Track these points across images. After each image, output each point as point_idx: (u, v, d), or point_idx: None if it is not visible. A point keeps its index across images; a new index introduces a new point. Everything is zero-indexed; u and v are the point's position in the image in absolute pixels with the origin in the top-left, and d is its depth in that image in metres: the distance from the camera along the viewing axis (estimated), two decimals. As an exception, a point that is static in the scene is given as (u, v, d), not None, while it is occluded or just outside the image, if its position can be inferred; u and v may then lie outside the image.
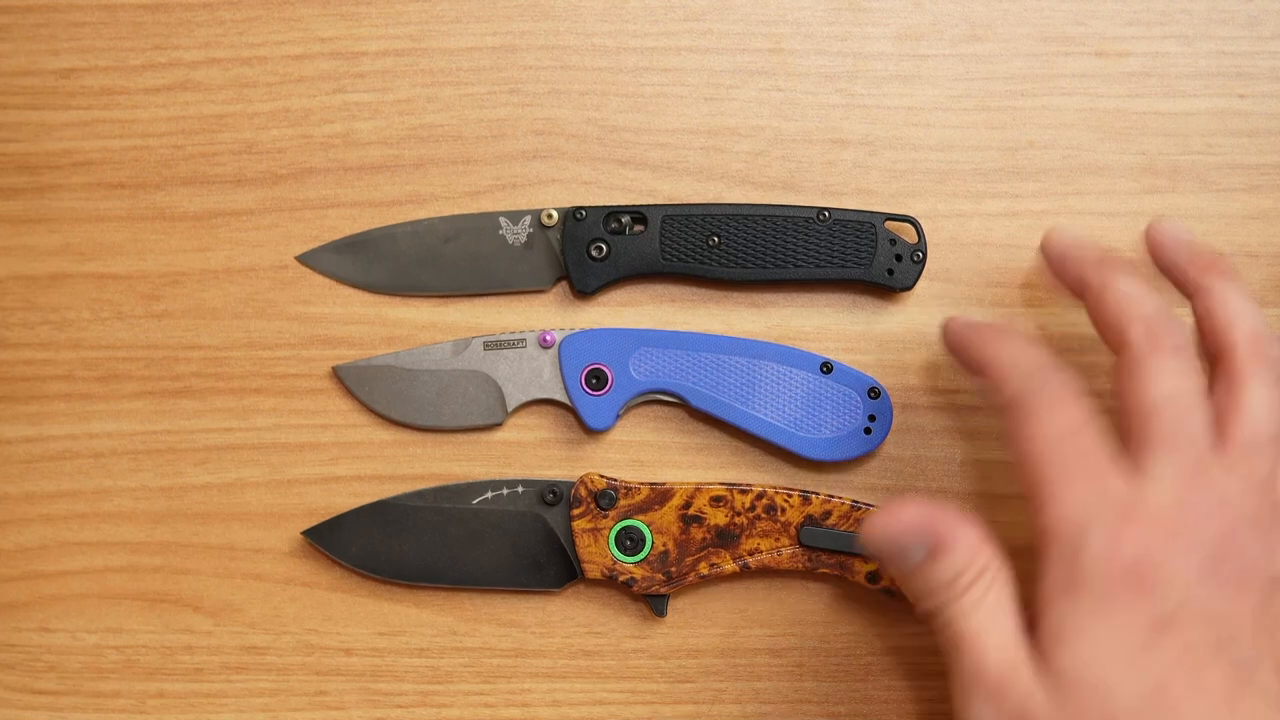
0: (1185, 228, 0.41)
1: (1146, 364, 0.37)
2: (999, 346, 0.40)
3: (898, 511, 0.38)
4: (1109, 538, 0.35)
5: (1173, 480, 0.35)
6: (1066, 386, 0.37)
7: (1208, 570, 0.35)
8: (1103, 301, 0.39)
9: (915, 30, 0.50)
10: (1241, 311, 0.38)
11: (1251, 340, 0.38)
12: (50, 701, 0.49)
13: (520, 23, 0.50)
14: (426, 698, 0.48)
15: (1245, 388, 0.37)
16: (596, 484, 0.47)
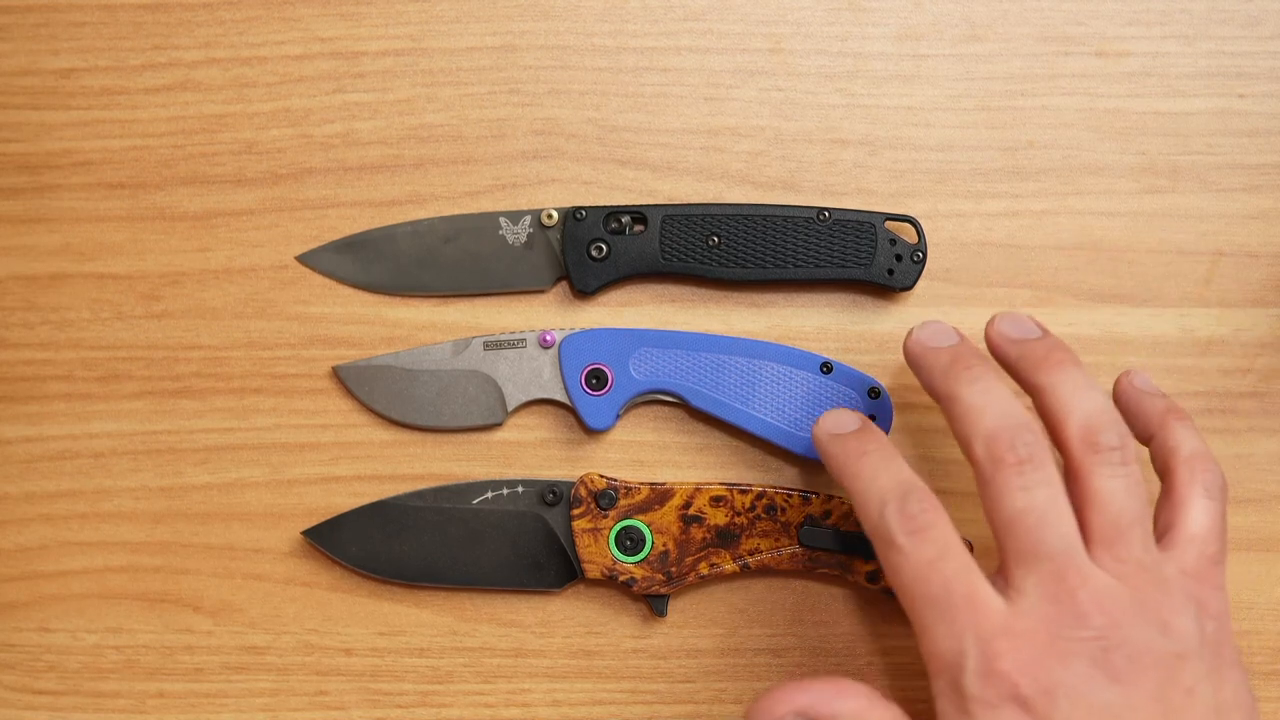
0: (1023, 320, 0.41)
1: (993, 482, 0.37)
2: (858, 466, 0.39)
3: (777, 701, 0.37)
4: (984, 664, 0.34)
5: (1036, 594, 0.35)
6: (927, 510, 0.37)
7: (1094, 670, 0.34)
8: (950, 417, 0.39)
9: (915, 30, 0.50)
10: (1070, 406, 0.38)
11: (1083, 433, 0.37)
12: (50, 701, 0.49)
13: (520, 23, 0.50)
14: (426, 698, 0.48)
15: (1090, 480, 0.37)
16: (596, 484, 0.47)
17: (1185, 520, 0.38)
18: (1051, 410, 0.38)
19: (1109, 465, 0.37)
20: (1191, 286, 0.49)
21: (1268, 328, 0.49)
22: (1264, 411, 0.49)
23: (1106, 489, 0.37)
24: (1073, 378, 0.38)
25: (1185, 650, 0.35)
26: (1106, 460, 0.37)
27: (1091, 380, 0.39)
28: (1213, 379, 0.49)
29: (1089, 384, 0.38)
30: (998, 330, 0.41)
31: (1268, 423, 0.49)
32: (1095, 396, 0.38)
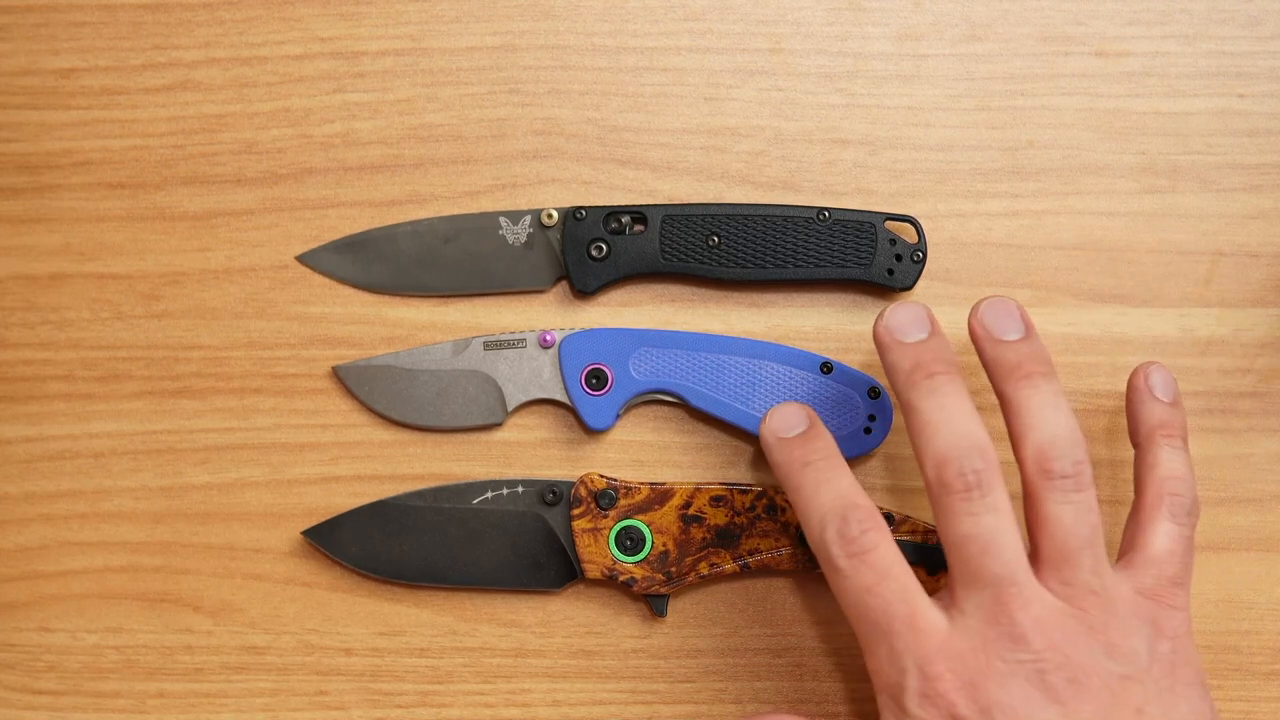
0: (1008, 314, 0.41)
1: (940, 504, 0.37)
2: (800, 478, 0.39)
3: None
4: (923, 684, 0.35)
5: (977, 616, 0.36)
6: (868, 531, 0.37)
7: (1031, 690, 0.35)
8: (907, 424, 0.39)
9: (915, 30, 0.50)
10: (1030, 426, 0.38)
11: (1038, 456, 0.38)
12: (50, 701, 0.49)
13: (520, 23, 0.50)
14: (426, 698, 0.48)
15: (1040, 505, 0.37)
16: (596, 484, 0.47)
17: (1147, 542, 0.39)
18: (1013, 426, 0.39)
19: (1060, 491, 0.37)
20: (1191, 286, 0.49)
21: (1268, 328, 0.49)
22: (1264, 411, 0.49)
23: (1055, 514, 0.37)
24: (1040, 394, 0.38)
25: (1133, 672, 0.35)
26: (1058, 486, 0.37)
27: (1058, 397, 0.38)
28: (1213, 379, 0.49)
29: (1054, 402, 0.38)
30: (980, 322, 0.41)
31: (1268, 423, 0.49)
32: (1058, 418, 0.38)
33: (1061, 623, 0.36)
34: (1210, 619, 0.48)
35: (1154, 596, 0.38)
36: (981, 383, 0.44)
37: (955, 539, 0.37)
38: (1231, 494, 0.48)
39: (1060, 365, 0.49)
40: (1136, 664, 0.36)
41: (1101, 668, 0.35)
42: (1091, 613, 0.36)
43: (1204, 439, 0.49)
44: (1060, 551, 0.37)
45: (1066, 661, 0.35)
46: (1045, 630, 0.35)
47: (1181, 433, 0.41)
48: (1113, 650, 0.36)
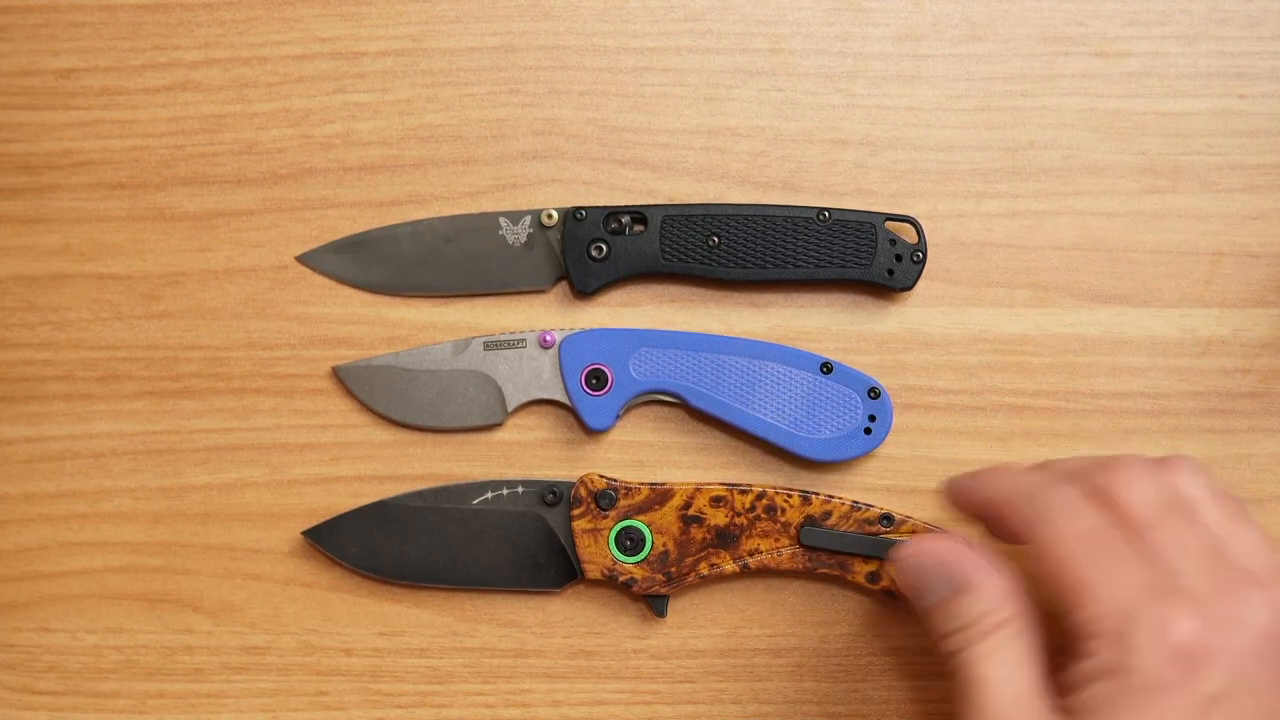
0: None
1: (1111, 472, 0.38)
2: (998, 483, 0.40)
3: (929, 544, 0.39)
4: (1157, 622, 0.35)
5: (1198, 575, 0.36)
6: (1075, 498, 0.38)
7: (1251, 644, 0.35)
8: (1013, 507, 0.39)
9: (915, 30, 0.50)
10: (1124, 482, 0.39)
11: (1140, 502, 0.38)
12: (50, 701, 0.49)
13: (520, 23, 0.50)
14: (427, 698, 0.48)
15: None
16: (596, 484, 0.47)
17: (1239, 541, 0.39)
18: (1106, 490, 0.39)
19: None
20: (1191, 286, 0.49)
21: (1268, 328, 0.49)
22: (1264, 411, 0.49)
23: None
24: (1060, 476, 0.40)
25: None
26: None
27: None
28: (1213, 379, 0.49)
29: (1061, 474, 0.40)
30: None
31: (1268, 423, 0.49)
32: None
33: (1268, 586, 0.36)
34: (1210, 619, 0.48)
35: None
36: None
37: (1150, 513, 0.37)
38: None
39: (1060, 365, 0.49)
40: None
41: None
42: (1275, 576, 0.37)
43: (1204, 439, 0.49)
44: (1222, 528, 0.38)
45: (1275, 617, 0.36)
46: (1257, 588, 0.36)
47: None
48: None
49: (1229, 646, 0.35)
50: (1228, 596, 0.35)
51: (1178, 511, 0.37)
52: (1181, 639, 0.34)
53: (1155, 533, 0.37)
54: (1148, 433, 0.49)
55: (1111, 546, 0.36)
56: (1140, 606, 0.35)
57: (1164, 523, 0.37)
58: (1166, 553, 0.36)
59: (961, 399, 0.49)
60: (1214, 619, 0.35)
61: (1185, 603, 0.35)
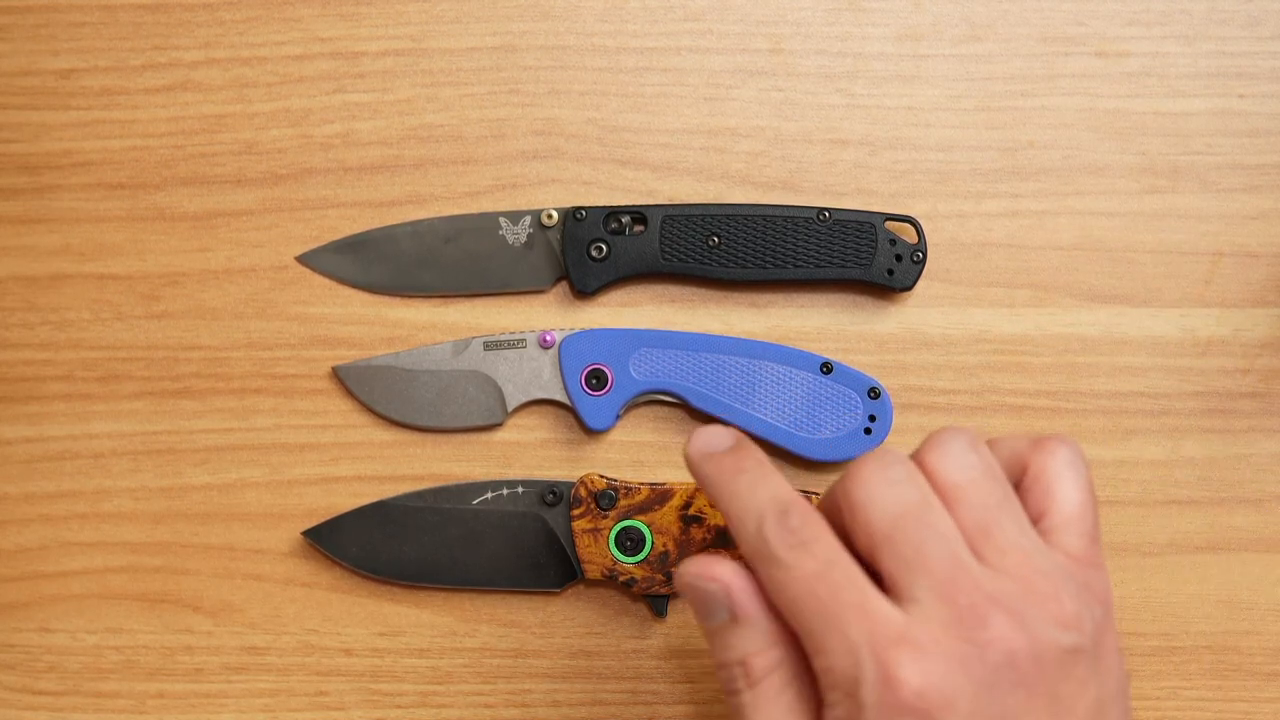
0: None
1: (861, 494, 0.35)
2: (734, 485, 0.37)
3: (711, 566, 0.37)
4: (883, 674, 0.33)
5: (930, 601, 0.34)
6: (809, 525, 0.36)
7: (995, 677, 0.33)
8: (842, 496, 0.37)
9: (915, 30, 0.50)
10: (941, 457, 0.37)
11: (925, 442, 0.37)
12: (50, 701, 0.49)
13: (520, 23, 0.50)
14: (426, 698, 0.48)
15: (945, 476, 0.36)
16: (596, 484, 0.47)
17: (1056, 501, 0.37)
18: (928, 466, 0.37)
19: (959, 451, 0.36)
20: (1191, 286, 0.49)
21: (1268, 328, 0.49)
22: (1264, 411, 0.49)
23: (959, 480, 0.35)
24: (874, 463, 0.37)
25: (1080, 644, 0.34)
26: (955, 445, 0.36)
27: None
28: (1213, 379, 0.49)
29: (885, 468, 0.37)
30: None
31: (1268, 423, 0.49)
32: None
33: (1015, 598, 0.34)
34: (1210, 619, 0.48)
35: (1080, 559, 0.36)
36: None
37: (886, 524, 0.35)
38: (1231, 494, 0.48)
39: (1060, 365, 0.49)
40: (1083, 634, 0.34)
41: (1056, 642, 0.33)
42: (1035, 581, 0.34)
43: (1204, 439, 0.49)
44: (980, 519, 0.35)
45: (1030, 641, 0.33)
46: (1004, 607, 0.33)
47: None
48: (1062, 621, 0.34)
49: (965, 686, 0.33)
50: (968, 625, 0.33)
51: (922, 521, 0.34)
52: (911, 689, 0.32)
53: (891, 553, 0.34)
54: (1148, 433, 0.49)
55: (841, 589, 0.34)
56: (865, 658, 0.33)
57: (902, 539, 0.34)
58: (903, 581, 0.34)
59: (961, 399, 0.49)
60: (947, 657, 0.33)
61: (912, 647, 0.33)
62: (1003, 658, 0.33)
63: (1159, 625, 0.48)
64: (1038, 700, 0.33)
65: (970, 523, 0.35)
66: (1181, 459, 0.49)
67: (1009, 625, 0.33)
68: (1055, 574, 0.35)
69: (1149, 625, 0.48)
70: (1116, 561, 0.48)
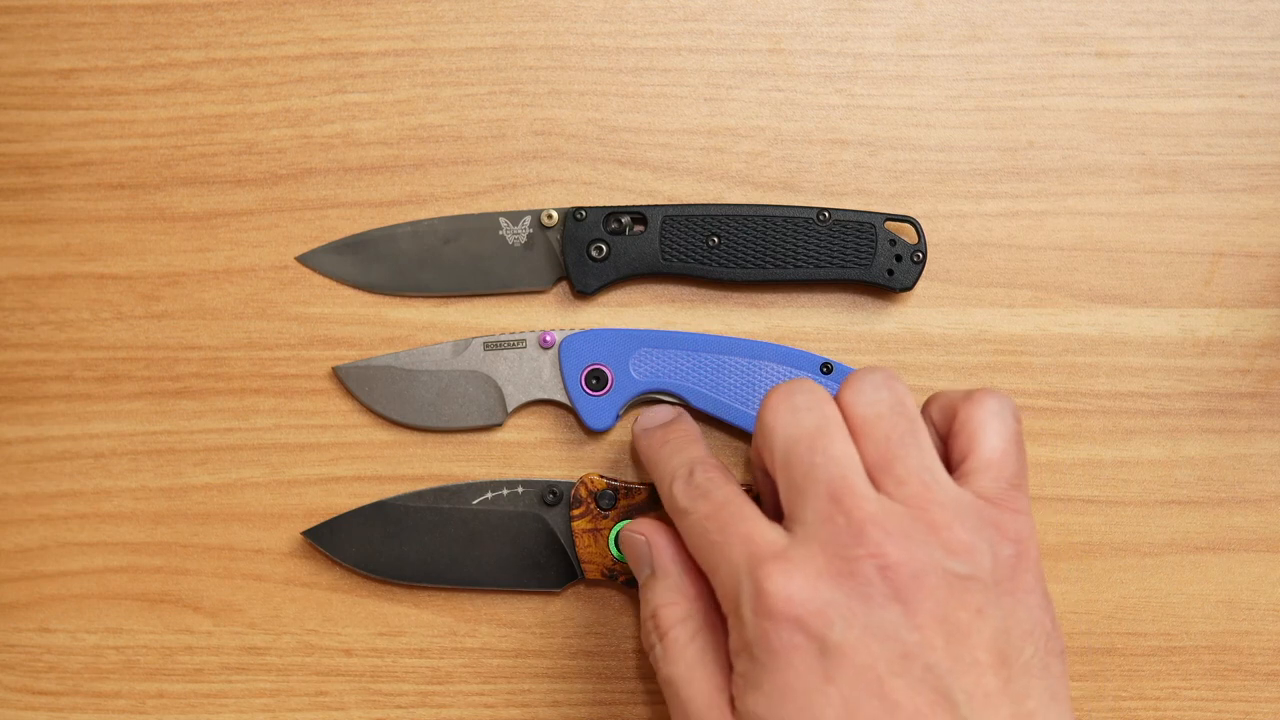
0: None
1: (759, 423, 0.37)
2: (658, 454, 0.41)
3: (643, 524, 0.41)
4: (757, 588, 0.34)
5: (814, 521, 0.35)
6: (712, 479, 0.38)
7: (869, 588, 0.34)
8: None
9: (915, 30, 0.50)
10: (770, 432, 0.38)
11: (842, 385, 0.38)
12: (50, 702, 0.49)
13: (520, 23, 0.50)
14: (426, 698, 0.48)
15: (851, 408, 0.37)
16: (596, 484, 0.47)
17: (977, 445, 0.37)
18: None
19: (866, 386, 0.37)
20: (1191, 286, 0.49)
21: (1268, 328, 0.49)
22: (1264, 411, 0.49)
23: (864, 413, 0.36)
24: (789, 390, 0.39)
25: (973, 571, 0.34)
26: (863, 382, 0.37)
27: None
28: (1213, 379, 0.49)
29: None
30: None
31: (1268, 423, 0.49)
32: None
33: (899, 520, 0.34)
34: (1210, 619, 0.48)
35: (994, 501, 0.36)
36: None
37: (782, 447, 0.36)
38: (1232, 494, 0.48)
39: (1060, 365, 0.49)
40: (978, 564, 0.34)
41: (941, 565, 0.34)
42: (930, 511, 0.35)
43: (1204, 439, 0.49)
44: (883, 451, 0.36)
45: (908, 558, 0.34)
46: (883, 526, 0.34)
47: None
48: (952, 549, 0.34)
49: (835, 597, 0.33)
50: (844, 542, 0.34)
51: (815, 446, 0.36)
52: (780, 600, 0.33)
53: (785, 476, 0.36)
54: (1148, 433, 0.49)
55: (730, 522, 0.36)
56: (744, 578, 0.34)
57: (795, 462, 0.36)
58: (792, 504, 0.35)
59: (961, 399, 0.49)
60: (819, 569, 0.34)
61: (784, 561, 0.34)
62: (874, 571, 0.34)
63: (1159, 625, 0.48)
64: (922, 618, 0.33)
65: (873, 454, 0.36)
66: (1181, 459, 0.49)
67: (887, 542, 0.34)
68: (954, 506, 0.35)
69: (1149, 625, 0.48)
70: (1116, 561, 0.48)
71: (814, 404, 0.36)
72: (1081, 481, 0.49)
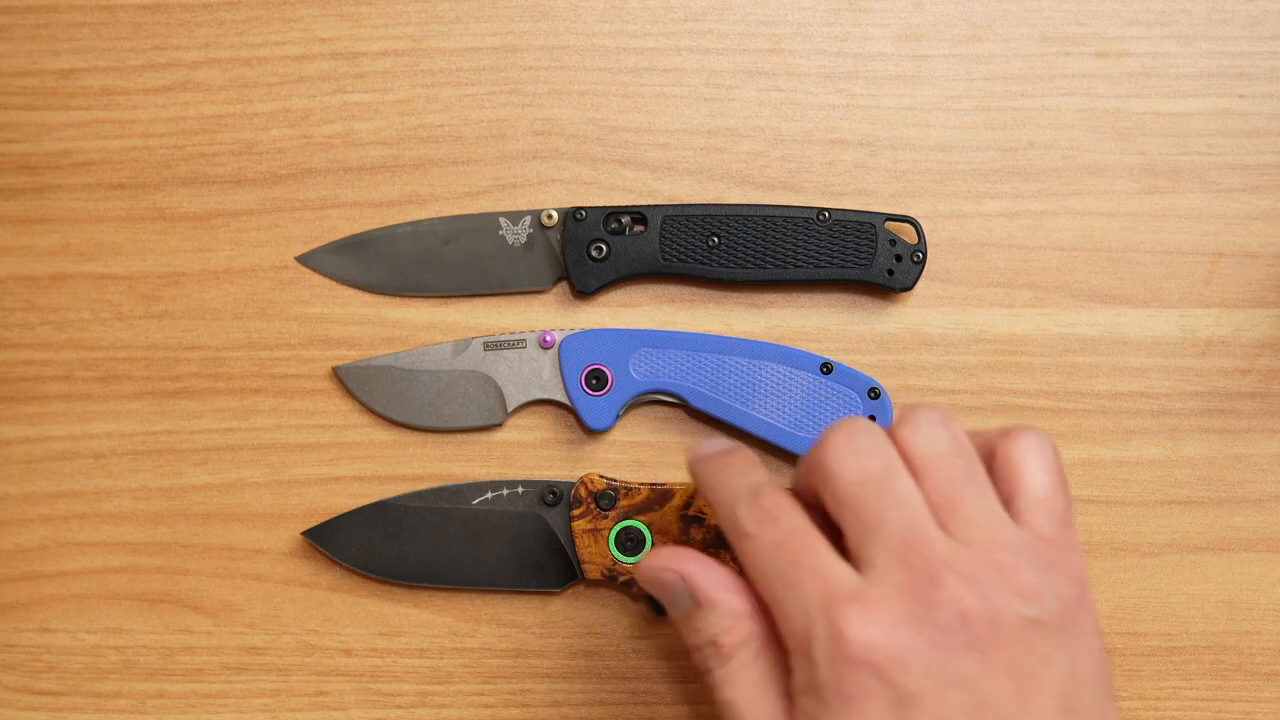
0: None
1: (822, 466, 0.36)
2: (718, 477, 0.39)
3: (669, 558, 0.38)
4: (832, 631, 0.33)
5: (887, 565, 0.34)
6: (780, 505, 0.37)
7: (948, 636, 0.33)
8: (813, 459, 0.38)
9: (915, 30, 0.50)
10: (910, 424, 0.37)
11: (900, 414, 0.37)
12: (50, 702, 0.49)
13: (520, 23, 0.50)
14: (426, 698, 0.48)
15: (911, 446, 0.36)
16: (596, 484, 0.47)
17: (1025, 484, 0.37)
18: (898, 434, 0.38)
19: (927, 425, 0.36)
20: (1191, 286, 0.49)
21: (1268, 328, 0.49)
22: (1264, 411, 0.49)
23: (926, 452, 0.36)
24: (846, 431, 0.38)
25: (1042, 615, 0.34)
26: (924, 420, 0.37)
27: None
28: (1213, 379, 0.49)
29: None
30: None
31: (1268, 423, 0.49)
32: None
33: (971, 564, 0.34)
34: (1210, 619, 0.48)
35: (1051, 540, 0.36)
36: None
37: (849, 490, 0.35)
38: (1232, 494, 0.48)
39: (1060, 365, 0.49)
40: (1045, 608, 0.34)
41: (1014, 610, 0.34)
42: (997, 553, 0.34)
43: (1204, 439, 0.49)
44: (946, 492, 0.35)
45: (984, 605, 0.33)
46: (958, 571, 0.34)
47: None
48: (1022, 592, 0.34)
49: (915, 644, 0.33)
50: (920, 586, 0.33)
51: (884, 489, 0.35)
52: (859, 644, 0.33)
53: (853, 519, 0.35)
54: (1148, 433, 0.49)
55: (801, 555, 0.35)
56: (817, 617, 0.34)
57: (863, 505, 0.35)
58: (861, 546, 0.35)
59: (961, 399, 0.49)
60: (897, 615, 0.33)
61: (862, 605, 0.33)
62: (954, 618, 0.33)
63: (1159, 625, 0.48)
64: (996, 666, 0.33)
65: (936, 495, 0.36)
66: (1181, 459, 0.49)
67: (962, 588, 0.33)
68: (1018, 547, 0.35)
69: (1149, 625, 0.48)
70: (1116, 561, 0.48)
71: (876, 446, 0.36)
72: (1082, 481, 0.48)
